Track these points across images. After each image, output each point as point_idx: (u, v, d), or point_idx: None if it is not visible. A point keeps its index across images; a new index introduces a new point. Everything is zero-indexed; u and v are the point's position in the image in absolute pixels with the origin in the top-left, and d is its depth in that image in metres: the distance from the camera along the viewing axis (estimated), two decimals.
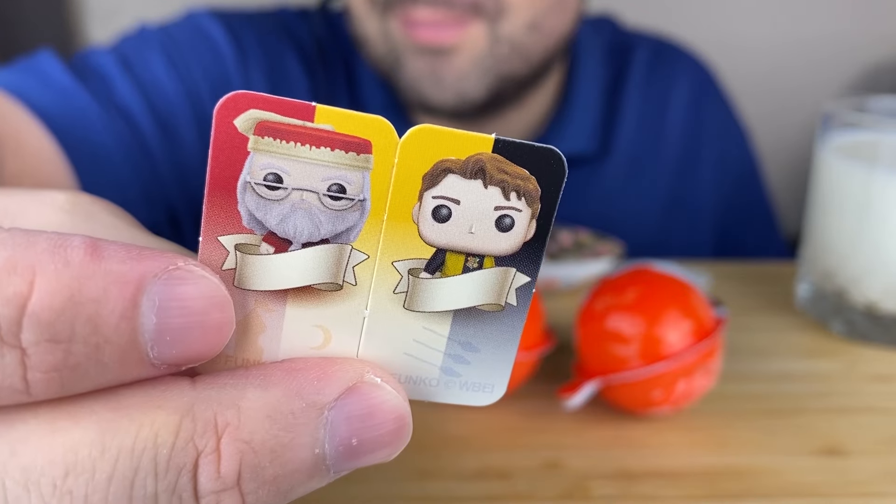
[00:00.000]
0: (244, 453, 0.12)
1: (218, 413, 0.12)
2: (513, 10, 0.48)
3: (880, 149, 0.40)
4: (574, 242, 0.49)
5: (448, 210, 0.14)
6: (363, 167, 0.13)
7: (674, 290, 0.33)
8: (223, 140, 0.13)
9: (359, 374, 0.14)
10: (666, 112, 0.63)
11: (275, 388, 0.13)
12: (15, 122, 0.38)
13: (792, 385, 0.37)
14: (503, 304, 0.15)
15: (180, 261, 0.12)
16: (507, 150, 0.14)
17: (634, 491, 0.30)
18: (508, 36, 0.49)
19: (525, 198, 0.14)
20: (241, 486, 0.12)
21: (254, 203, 0.13)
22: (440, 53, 0.48)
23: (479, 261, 0.14)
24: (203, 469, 0.12)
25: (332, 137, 0.13)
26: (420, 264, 0.14)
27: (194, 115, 0.51)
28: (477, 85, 0.50)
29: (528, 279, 0.14)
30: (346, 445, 0.13)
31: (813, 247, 0.44)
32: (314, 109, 0.13)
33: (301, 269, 0.14)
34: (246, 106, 0.13)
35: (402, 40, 0.49)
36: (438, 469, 0.31)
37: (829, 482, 0.30)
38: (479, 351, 0.15)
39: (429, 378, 0.15)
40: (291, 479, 0.13)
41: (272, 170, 0.13)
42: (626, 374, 0.32)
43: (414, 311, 0.14)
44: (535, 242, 0.14)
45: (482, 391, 0.15)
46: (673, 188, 0.64)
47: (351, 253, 0.14)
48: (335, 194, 0.14)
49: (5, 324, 0.11)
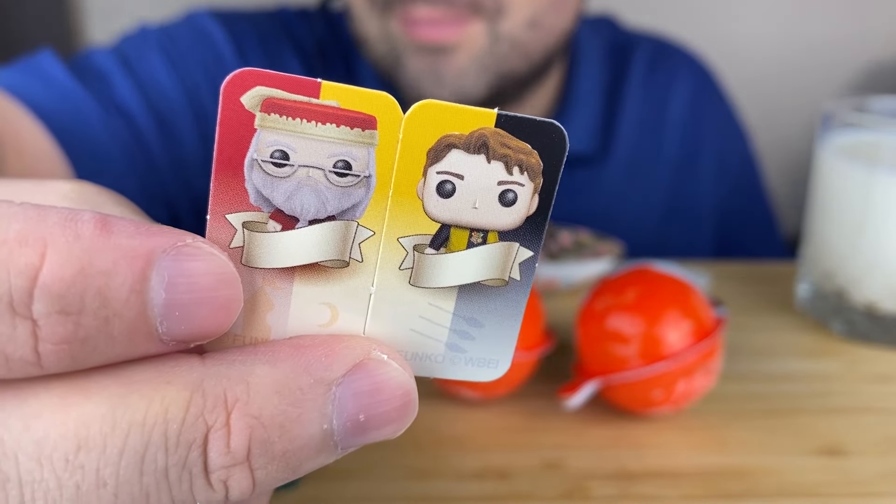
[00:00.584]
0: (254, 428, 0.12)
1: (227, 389, 0.12)
2: (512, 8, 0.48)
3: (880, 149, 0.40)
4: (574, 242, 0.49)
5: (452, 185, 0.14)
6: (368, 143, 0.14)
7: (674, 290, 0.33)
8: (230, 117, 0.13)
9: (366, 350, 0.14)
10: (666, 112, 0.63)
11: (283, 364, 0.13)
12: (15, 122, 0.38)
13: (792, 385, 0.37)
14: (507, 279, 0.15)
15: (189, 238, 0.13)
16: (509, 124, 0.14)
17: (634, 491, 0.30)
18: (508, 34, 0.49)
19: (528, 172, 0.14)
20: (250, 461, 0.13)
21: (261, 180, 0.13)
22: (440, 52, 0.48)
23: (483, 236, 0.14)
24: (213, 444, 0.12)
25: (338, 113, 0.13)
26: (425, 240, 0.14)
27: (194, 115, 0.51)
28: (476, 83, 0.50)
29: (531, 254, 0.15)
30: (353, 421, 0.13)
31: (813, 247, 0.44)
32: (320, 85, 0.13)
33: (308, 247, 0.14)
34: (252, 83, 0.13)
35: (402, 39, 0.49)
36: (438, 469, 0.31)
37: (828, 482, 0.30)
38: (483, 326, 0.15)
39: (434, 354, 0.15)
40: (300, 455, 0.13)
41: (279, 146, 0.13)
42: (626, 374, 0.32)
43: (419, 287, 0.15)
44: (538, 217, 0.14)
45: (487, 366, 0.15)
46: (673, 188, 0.64)
47: (357, 229, 0.14)
48: (341, 171, 0.14)
49: (17, 295, 0.11)
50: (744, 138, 0.68)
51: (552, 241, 0.49)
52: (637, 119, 0.62)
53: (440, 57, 0.48)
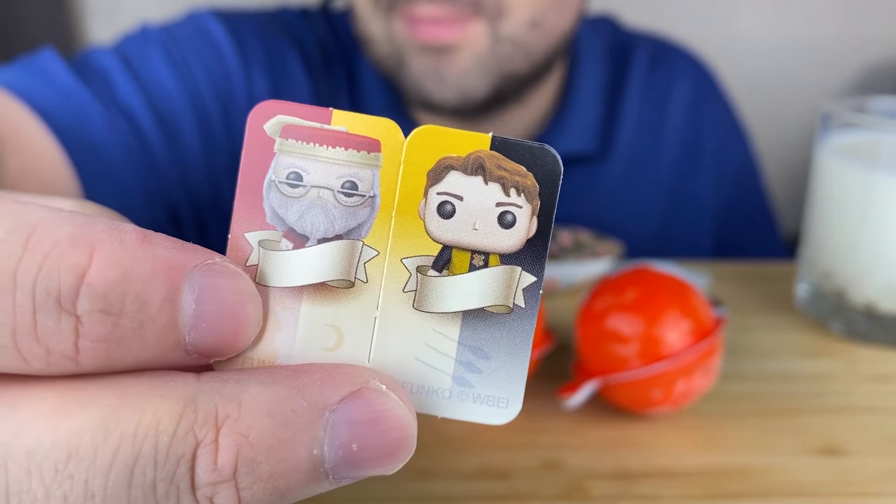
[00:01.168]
0: (241, 446, 0.12)
1: (219, 405, 0.13)
2: (513, 9, 0.48)
3: (880, 149, 0.40)
4: (574, 242, 0.49)
5: (452, 206, 0.15)
6: (373, 165, 0.15)
7: (674, 290, 0.33)
8: (254, 143, 0.15)
9: (365, 379, 0.14)
10: (666, 112, 0.63)
11: (278, 386, 0.13)
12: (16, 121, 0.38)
13: (791, 385, 0.37)
14: (511, 306, 0.15)
15: (217, 256, 0.13)
16: (503, 147, 0.15)
17: (634, 491, 0.30)
18: (510, 34, 0.49)
19: (524, 194, 0.15)
20: (237, 480, 0.12)
21: (277, 200, 0.15)
22: (443, 51, 0.48)
23: (485, 258, 0.15)
24: (201, 460, 0.12)
25: (346, 138, 0.15)
26: (427, 261, 0.15)
27: (196, 115, 0.51)
28: (478, 83, 0.50)
29: (534, 279, 0.15)
30: (346, 450, 0.13)
31: (812, 247, 0.44)
32: (331, 113, 0.15)
33: (316, 266, 0.15)
34: (274, 112, 0.15)
35: (405, 40, 0.49)
36: (438, 468, 0.31)
37: (828, 482, 0.30)
38: (490, 358, 0.15)
39: (440, 388, 0.15)
40: (288, 479, 0.13)
41: (294, 168, 0.15)
42: (625, 373, 0.32)
43: (424, 312, 0.15)
44: (538, 240, 0.15)
45: (496, 406, 0.15)
46: (673, 188, 0.64)
47: (362, 249, 0.15)
48: (348, 191, 0.15)
49: (65, 290, 0.12)
50: (743, 138, 0.68)
51: (552, 241, 0.49)
52: (637, 119, 0.62)
53: (443, 57, 0.49)
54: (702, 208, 0.65)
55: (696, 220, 0.65)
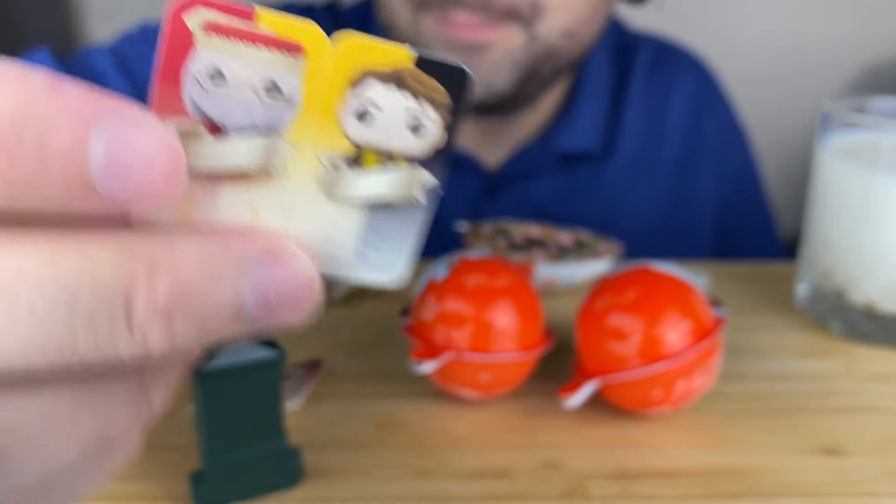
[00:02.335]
0: (173, 286, 0.13)
1: (154, 252, 0.13)
2: (549, 16, 0.48)
3: (880, 149, 0.40)
4: (574, 242, 0.49)
5: (369, 112, 0.16)
6: (295, 67, 0.15)
7: (674, 290, 0.33)
8: (173, 34, 0.15)
9: (280, 242, 0.15)
10: (667, 113, 0.64)
11: (206, 239, 0.14)
12: None
13: (791, 385, 0.37)
14: (412, 200, 0.17)
15: (137, 108, 0.13)
16: (423, 64, 0.16)
17: (634, 490, 0.30)
18: (544, 38, 0.50)
19: (436, 107, 0.16)
20: (168, 317, 0.13)
21: (197, 93, 0.15)
22: (474, 49, 0.49)
23: (394, 160, 0.16)
24: (137, 296, 0.13)
25: (270, 38, 0.15)
26: (341, 157, 0.16)
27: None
28: (506, 79, 0.51)
29: (435, 182, 0.17)
30: (264, 299, 0.14)
31: (812, 247, 0.44)
32: (255, 12, 0.15)
33: (235, 156, 0.16)
34: (195, 4, 0.15)
35: (434, 35, 0.49)
36: (437, 468, 0.31)
37: (828, 482, 0.30)
38: (386, 239, 0.17)
39: (344, 259, 0.17)
40: (213, 319, 0.14)
41: (215, 64, 0.15)
42: (625, 373, 0.32)
43: (334, 201, 0.16)
44: (444, 150, 0.16)
45: (384, 272, 0.17)
46: (673, 188, 0.64)
47: (280, 143, 0.16)
48: (269, 90, 0.16)
49: None
50: (744, 139, 0.68)
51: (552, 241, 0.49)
52: (639, 119, 0.63)
53: (474, 53, 0.49)
54: (702, 208, 0.65)
55: (696, 220, 0.65)
